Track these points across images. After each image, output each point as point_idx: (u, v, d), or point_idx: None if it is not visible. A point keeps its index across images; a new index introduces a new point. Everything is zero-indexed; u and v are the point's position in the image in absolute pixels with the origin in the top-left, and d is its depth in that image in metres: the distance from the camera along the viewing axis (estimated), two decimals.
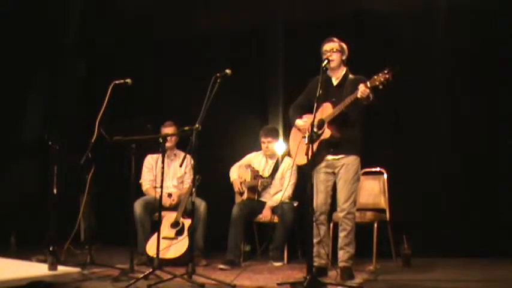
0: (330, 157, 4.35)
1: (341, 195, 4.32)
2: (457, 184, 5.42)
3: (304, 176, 4.59)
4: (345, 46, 4.40)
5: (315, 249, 4.31)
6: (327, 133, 4.24)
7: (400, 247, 5.03)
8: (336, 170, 4.36)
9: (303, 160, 4.21)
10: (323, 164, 4.36)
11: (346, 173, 4.31)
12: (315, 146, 4.18)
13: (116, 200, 5.74)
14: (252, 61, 6.21)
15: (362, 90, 4.03)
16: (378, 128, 5.42)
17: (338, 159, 4.34)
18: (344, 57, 4.39)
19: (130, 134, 4.66)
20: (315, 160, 4.24)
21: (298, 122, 4.44)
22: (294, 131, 4.58)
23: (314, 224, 4.27)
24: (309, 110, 4.37)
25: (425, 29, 5.56)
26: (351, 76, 4.40)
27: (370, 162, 5.35)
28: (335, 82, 4.41)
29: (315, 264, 4.32)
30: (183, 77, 6.31)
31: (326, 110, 4.26)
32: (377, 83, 3.99)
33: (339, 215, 4.34)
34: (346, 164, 4.32)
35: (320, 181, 4.37)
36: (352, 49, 4.46)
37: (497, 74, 5.37)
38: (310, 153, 3.90)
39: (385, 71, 3.97)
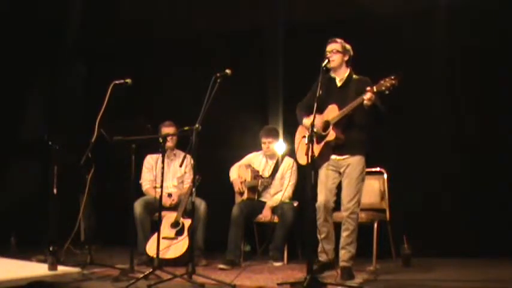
0: (335, 157, 4.37)
1: (345, 194, 4.33)
2: (457, 184, 5.42)
3: (304, 175, 4.58)
4: (348, 47, 4.40)
5: (320, 245, 4.35)
6: (331, 135, 4.25)
7: (400, 247, 5.02)
8: (342, 170, 4.38)
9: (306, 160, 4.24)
10: (329, 162, 4.38)
11: (351, 172, 4.32)
12: (320, 147, 4.20)
13: (116, 200, 5.74)
14: (252, 61, 6.21)
15: (369, 97, 4.04)
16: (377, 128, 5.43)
17: (343, 159, 4.36)
18: (346, 58, 4.39)
19: (130, 134, 4.66)
20: (320, 161, 4.27)
21: (306, 121, 4.42)
22: (300, 130, 4.58)
23: (318, 221, 4.29)
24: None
25: (426, 29, 5.56)
26: (354, 77, 4.41)
27: (370, 162, 5.33)
28: (339, 83, 4.42)
29: (321, 259, 4.37)
30: (183, 77, 6.31)
31: (332, 112, 4.26)
32: (383, 88, 4.00)
33: (342, 214, 4.35)
34: (352, 163, 4.33)
35: (326, 178, 4.38)
36: (353, 49, 4.46)
37: (497, 74, 5.37)
38: (310, 153, 3.90)
39: (392, 77, 3.98)
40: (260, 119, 6.07)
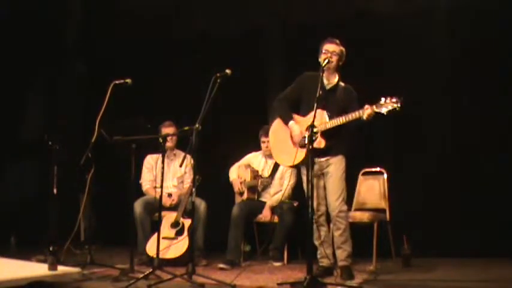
0: (317, 159, 4.32)
1: (331, 194, 4.33)
2: (457, 184, 5.41)
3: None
4: (344, 52, 4.38)
5: (319, 251, 4.35)
6: (321, 143, 4.23)
7: (400, 247, 5.02)
8: (325, 171, 4.38)
9: (287, 161, 4.35)
10: (318, 167, 4.33)
11: (334, 171, 4.33)
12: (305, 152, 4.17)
13: (116, 200, 5.74)
14: (252, 61, 6.21)
15: (369, 113, 4.02)
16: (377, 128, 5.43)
17: (324, 160, 4.36)
18: (340, 63, 4.37)
19: (130, 134, 4.66)
20: (302, 163, 4.27)
21: (294, 128, 4.38)
22: (277, 126, 4.55)
23: (314, 225, 4.28)
24: (296, 105, 4.43)
25: (425, 29, 5.56)
26: (341, 83, 4.40)
27: (370, 162, 5.35)
28: (327, 86, 4.38)
29: (323, 264, 4.36)
30: (183, 77, 6.30)
31: (319, 117, 4.16)
32: (383, 110, 3.99)
33: (331, 214, 4.35)
34: (334, 163, 4.34)
35: (319, 185, 4.37)
36: (352, 49, 4.45)
37: (497, 74, 5.37)
38: (310, 153, 3.90)
39: (394, 100, 3.95)
40: (260, 119, 6.06)
